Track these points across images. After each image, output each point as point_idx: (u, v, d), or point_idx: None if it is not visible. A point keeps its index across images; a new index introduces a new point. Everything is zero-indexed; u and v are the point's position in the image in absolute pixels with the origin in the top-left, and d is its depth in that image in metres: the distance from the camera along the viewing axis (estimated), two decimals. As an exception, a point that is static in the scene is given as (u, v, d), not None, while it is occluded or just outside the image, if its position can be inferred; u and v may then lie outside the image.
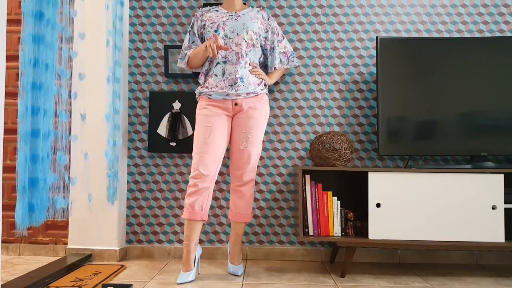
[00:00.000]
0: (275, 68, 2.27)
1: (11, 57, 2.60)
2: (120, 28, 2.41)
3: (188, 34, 2.22)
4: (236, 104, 2.08)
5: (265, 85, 2.20)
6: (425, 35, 2.49)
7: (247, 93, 2.08)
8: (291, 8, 2.54)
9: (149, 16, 2.57)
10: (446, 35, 2.49)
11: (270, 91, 2.51)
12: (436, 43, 2.22)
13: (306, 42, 2.52)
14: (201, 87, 2.15)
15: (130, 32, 2.57)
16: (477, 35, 2.48)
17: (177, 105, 2.48)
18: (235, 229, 2.14)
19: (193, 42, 2.21)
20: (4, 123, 2.60)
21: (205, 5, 2.53)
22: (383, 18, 2.51)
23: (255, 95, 2.11)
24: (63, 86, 1.71)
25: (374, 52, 2.50)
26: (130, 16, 2.57)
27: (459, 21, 2.50)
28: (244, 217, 2.12)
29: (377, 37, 2.23)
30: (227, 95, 2.07)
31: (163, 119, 2.47)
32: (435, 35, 2.49)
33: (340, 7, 2.53)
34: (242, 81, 2.08)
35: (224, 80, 2.08)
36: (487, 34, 2.48)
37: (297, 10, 2.53)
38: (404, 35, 2.50)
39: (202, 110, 2.09)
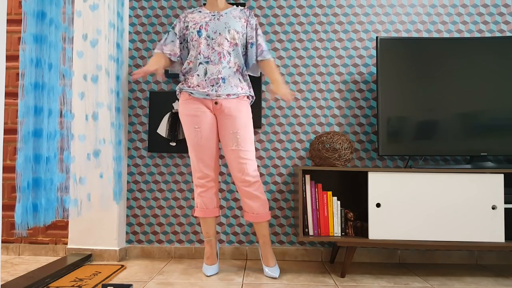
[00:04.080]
0: (257, 60, 2.18)
1: (11, 57, 2.60)
2: (122, 27, 2.41)
3: (167, 33, 2.18)
4: (216, 103, 2.07)
5: (248, 87, 2.16)
6: (425, 35, 2.49)
7: (228, 95, 2.06)
8: (291, 8, 2.54)
9: (149, 16, 2.57)
10: (446, 35, 2.49)
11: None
12: (436, 43, 2.22)
13: (306, 42, 2.52)
14: (182, 84, 2.14)
15: (130, 32, 2.57)
16: (477, 35, 2.48)
17: (177, 105, 2.48)
18: (259, 231, 2.10)
19: (172, 41, 2.16)
20: (4, 123, 2.60)
21: (204, 4, 2.53)
22: (383, 18, 2.51)
23: (236, 97, 2.08)
24: (67, 86, 1.71)
25: (374, 52, 2.50)
26: (130, 16, 2.57)
27: (459, 21, 2.50)
28: (263, 216, 2.07)
29: (377, 37, 2.23)
30: (207, 95, 2.06)
31: (163, 119, 2.47)
32: (435, 35, 2.49)
33: (340, 7, 2.53)
34: (224, 82, 2.06)
35: (205, 80, 2.06)
36: (487, 34, 2.48)
37: (297, 10, 2.53)
38: (404, 35, 2.50)
39: (185, 109, 2.09)
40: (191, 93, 2.08)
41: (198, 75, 2.08)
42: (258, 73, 2.32)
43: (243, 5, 2.51)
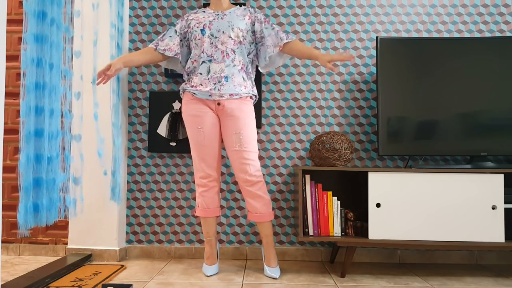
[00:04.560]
0: (284, 44, 2.11)
1: (11, 57, 2.60)
2: (121, 27, 2.41)
3: (167, 30, 2.17)
4: (218, 104, 2.07)
5: (252, 86, 2.15)
6: (425, 35, 2.49)
7: (231, 94, 2.05)
8: (291, 8, 2.54)
9: (149, 16, 2.57)
10: (446, 35, 2.49)
11: (270, 91, 2.51)
12: (436, 43, 2.22)
13: (306, 42, 2.52)
14: (185, 84, 2.13)
15: (130, 32, 2.57)
16: (477, 35, 2.48)
17: (177, 105, 2.48)
18: (262, 230, 2.11)
19: (170, 37, 2.14)
20: (4, 123, 2.60)
21: (204, 5, 2.53)
22: (383, 18, 2.51)
23: (239, 97, 2.07)
24: (67, 86, 1.72)
25: (374, 52, 2.50)
26: (130, 16, 2.57)
27: (459, 21, 2.50)
28: (266, 216, 2.07)
29: (377, 37, 2.23)
30: (210, 95, 2.05)
31: (163, 119, 2.47)
32: (435, 35, 2.49)
33: (340, 7, 2.53)
34: (227, 80, 2.04)
35: (208, 79, 2.05)
36: (487, 34, 2.48)
37: (297, 10, 2.54)
38: (404, 35, 2.50)
39: (188, 109, 2.09)
40: (194, 93, 2.08)
41: (200, 73, 2.07)
42: (277, 65, 2.24)
43: (243, 5, 2.51)
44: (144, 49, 2.14)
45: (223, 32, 2.07)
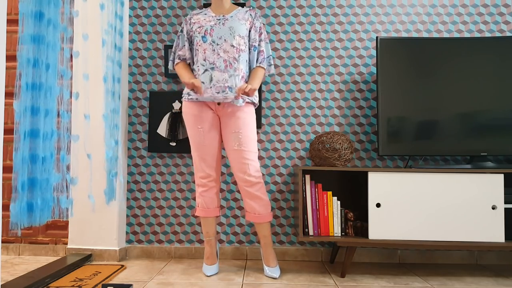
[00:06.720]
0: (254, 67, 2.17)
1: (11, 57, 2.60)
2: (120, 28, 2.41)
3: (178, 38, 2.17)
4: (219, 104, 2.07)
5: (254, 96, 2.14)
6: (425, 35, 2.49)
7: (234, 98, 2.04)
8: (291, 8, 2.54)
9: (149, 16, 2.57)
10: (446, 35, 2.49)
11: (270, 91, 2.51)
12: (436, 43, 2.22)
13: (306, 42, 2.52)
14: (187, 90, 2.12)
15: (130, 32, 2.57)
16: (477, 35, 2.48)
17: (177, 105, 2.48)
18: (260, 231, 2.10)
19: (184, 46, 2.15)
20: (4, 123, 2.60)
21: (205, 5, 2.53)
22: (383, 18, 2.51)
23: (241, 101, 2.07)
24: (64, 86, 1.71)
25: (374, 52, 2.50)
26: (130, 16, 2.57)
27: (459, 21, 2.50)
28: (265, 217, 2.07)
29: (377, 37, 2.23)
30: (213, 98, 2.04)
31: (163, 119, 2.47)
32: (435, 35, 2.49)
33: (340, 7, 2.53)
34: (231, 91, 2.03)
35: (211, 87, 2.03)
36: (487, 34, 2.48)
37: (297, 10, 2.54)
38: (404, 35, 2.50)
39: (188, 109, 2.09)
40: (197, 99, 2.06)
41: (203, 82, 2.04)
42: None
43: (242, 5, 2.51)
44: (180, 67, 2.14)
45: (225, 40, 2.05)
